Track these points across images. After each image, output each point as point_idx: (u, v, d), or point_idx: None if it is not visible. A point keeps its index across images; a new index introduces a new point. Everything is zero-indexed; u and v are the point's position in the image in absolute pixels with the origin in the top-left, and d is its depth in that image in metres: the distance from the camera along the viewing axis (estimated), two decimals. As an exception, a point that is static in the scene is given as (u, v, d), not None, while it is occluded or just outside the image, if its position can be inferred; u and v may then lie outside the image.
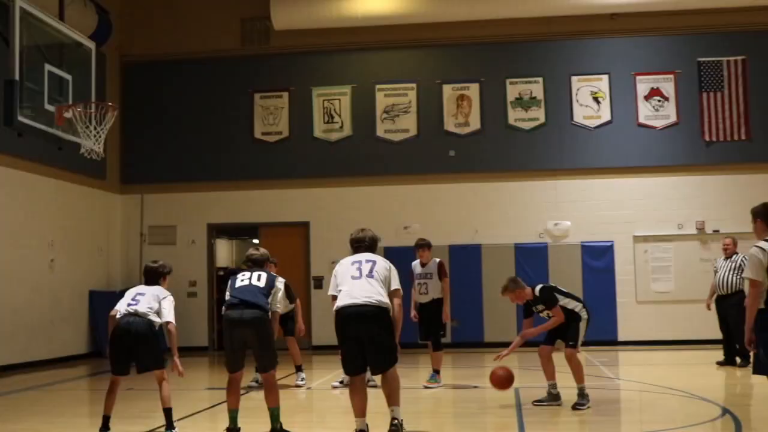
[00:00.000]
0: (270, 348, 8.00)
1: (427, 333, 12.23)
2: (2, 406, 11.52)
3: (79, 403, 12.32)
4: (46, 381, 14.26)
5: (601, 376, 13.34)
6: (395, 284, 7.73)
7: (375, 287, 7.55)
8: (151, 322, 8.19)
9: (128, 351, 8.21)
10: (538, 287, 10.00)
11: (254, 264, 8.44)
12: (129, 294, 8.42)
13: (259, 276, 8.18)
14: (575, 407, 9.59)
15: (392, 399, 7.52)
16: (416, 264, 12.33)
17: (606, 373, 13.84)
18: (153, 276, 8.54)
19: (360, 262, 7.77)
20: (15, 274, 16.04)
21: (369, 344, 7.47)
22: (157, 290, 8.42)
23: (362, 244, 7.99)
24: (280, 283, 8.32)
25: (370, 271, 7.65)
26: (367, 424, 7.57)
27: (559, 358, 9.93)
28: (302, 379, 12.49)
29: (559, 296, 9.92)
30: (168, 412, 8.16)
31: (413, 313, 12.27)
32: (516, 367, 15.26)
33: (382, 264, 7.80)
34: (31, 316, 16.50)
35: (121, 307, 8.28)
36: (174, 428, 8.15)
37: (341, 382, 11.84)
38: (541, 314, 10.06)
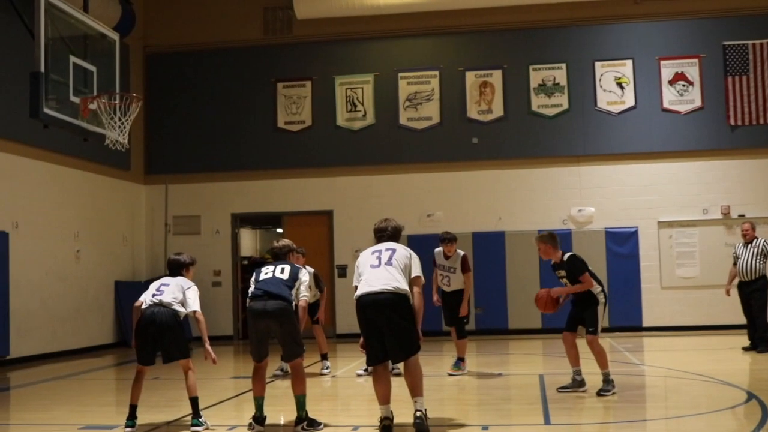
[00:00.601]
0: (294, 338, 8.02)
1: (451, 321, 12.24)
2: (31, 395, 11.66)
3: (106, 392, 12.43)
4: (73, 370, 14.40)
5: (626, 362, 13.31)
6: (416, 272, 7.70)
7: (393, 274, 7.52)
8: (175, 312, 8.25)
9: (153, 341, 8.28)
10: (568, 254, 9.98)
11: (276, 257, 8.47)
12: (153, 285, 8.49)
13: (283, 269, 8.18)
14: (600, 393, 9.59)
15: (415, 390, 7.49)
16: (439, 252, 12.23)
17: (631, 359, 13.81)
18: (176, 267, 8.61)
19: (380, 250, 7.77)
20: (42, 265, 16.19)
21: (388, 332, 7.44)
22: (181, 281, 8.48)
23: (384, 233, 7.98)
24: (304, 274, 8.29)
25: (389, 258, 7.64)
26: (391, 411, 7.58)
27: (582, 344, 9.92)
28: (327, 368, 12.55)
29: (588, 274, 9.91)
30: (194, 401, 8.22)
31: (435, 297, 12.26)
32: (540, 354, 15.28)
33: (403, 252, 7.77)
34: (58, 306, 16.66)
35: (145, 298, 8.37)
36: (200, 417, 8.20)
37: (365, 370, 11.88)
38: (561, 280, 10.04)
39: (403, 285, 7.50)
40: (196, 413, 8.20)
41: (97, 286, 18.16)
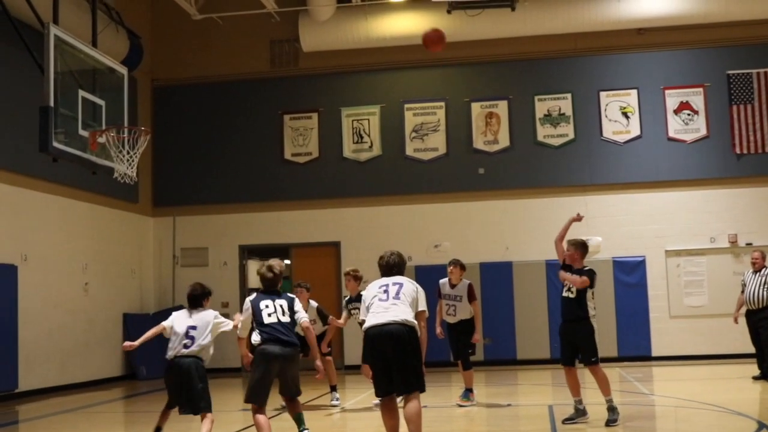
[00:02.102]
0: (298, 378, 8.31)
1: (456, 353, 12.21)
2: (40, 429, 11.65)
3: (115, 425, 12.40)
4: (82, 404, 14.39)
5: (635, 392, 13.26)
6: (422, 306, 7.74)
7: (400, 308, 7.56)
8: (203, 362, 8.46)
9: (180, 389, 8.48)
10: (589, 267, 10.02)
11: (268, 287, 8.45)
12: (180, 326, 8.52)
13: (283, 308, 8.25)
14: (609, 424, 9.54)
15: (414, 421, 7.42)
16: (444, 283, 12.23)
17: (641, 389, 13.75)
18: (199, 299, 8.67)
19: (387, 285, 7.78)
20: (50, 298, 16.22)
21: (394, 364, 7.44)
22: (205, 316, 8.55)
23: (391, 268, 7.95)
24: (297, 303, 8.40)
25: (397, 293, 7.66)
26: None
27: (585, 373, 9.90)
28: (336, 399, 12.52)
29: (592, 293, 9.93)
30: None
31: (438, 330, 12.22)
32: (549, 384, 15.23)
33: (410, 286, 7.79)
34: (66, 339, 16.67)
35: (176, 344, 8.46)
36: None
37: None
38: (565, 283, 10.09)
39: (410, 318, 7.52)
40: None
41: (105, 319, 18.17)
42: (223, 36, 20.49)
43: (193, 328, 8.45)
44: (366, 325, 7.63)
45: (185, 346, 8.41)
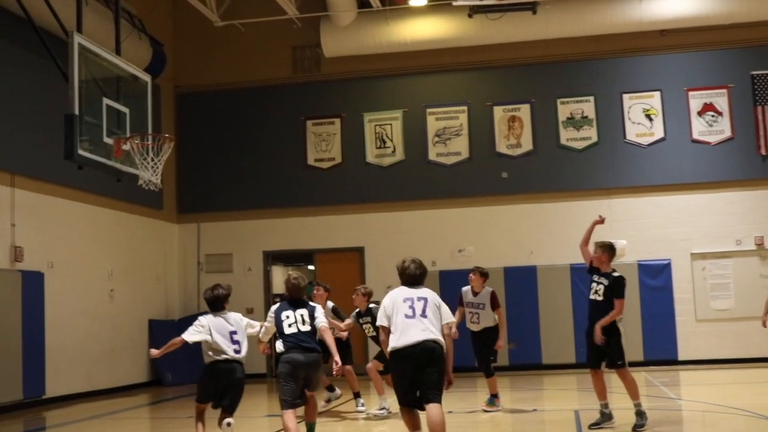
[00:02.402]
0: (318, 380, 8.79)
1: (480, 360, 12.12)
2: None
3: (140, 431, 12.45)
4: (108, 410, 14.46)
5: (662, 396, 13.18)
6: (447, 318, 7.75)
7: (428, 326, 7.56)
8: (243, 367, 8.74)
9: (224, 391, 8.62)
10: (618, 273, 9.94)
11: (292, 295, 8.69)
12: (222, 331, 8.61)
13: (303, 318, 8.51)
14: (636, 429, 9.47)
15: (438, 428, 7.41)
16: (467, 291, 12.12)
17: (668, 393, 13.67)
18: (222, 301, 8.78)
19: (412, 299, 7.70)
20: (77, 305, 16.32)
21: (423, 379, 7.48)
22: (238, 319, 8.79)
23: (415, 279, 7.85)
24: (318, 311, 8.65)
25: (423, 310, 7.62)
26: None
27: (613, 377, 9.84)
28: (362, 405, 12.49)
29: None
30: None
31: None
32: (575, 389, 15.16)
33: (433, 301, 7.75)
34: (92, 345, 16.76)
35: (225, 346, 8.53)
36: None
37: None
38: (592, 286, 10.00)
39: (439, 336, 7.55)
40: None
41: (130, 325, 18.25)
42: (245, 42, 20.56)
43: (234, 332, 8.67)
44: (395, 344, 7.57)
45: (236, 351, 8.61)
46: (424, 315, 7.59)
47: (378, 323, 7.90)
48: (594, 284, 10.01)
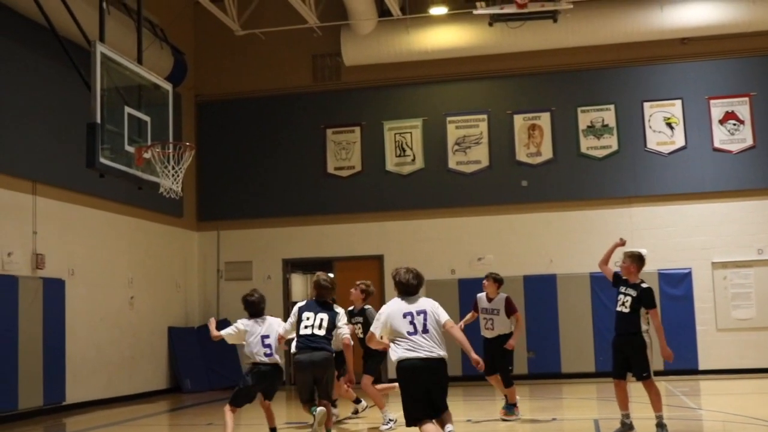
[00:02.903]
0: (331, 383, 9.20)
1: (494, 369, 11.85)
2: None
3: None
4: (128, 416, 14.52)
5: (682, 406, 13.11)
6: (444, 318, 7.82)
7: (430, 342, 7.68)
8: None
9: (264, 392, 9.51)
10: (647, 284, 9.89)
11: (319, 296, 9.22)
12: (253, 334, 9.25)
13: (321, 322, 8.94)
14: None
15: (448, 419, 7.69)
16: (482, 297, 12.05)
17: (688, 403, 13.59)
18: (262, 305, 9.49)
19: (412, 314, 7.78)
20: (97, 312, 16.41)
21: (432, 393, 7.64)
22: (272, 323, 9.34)
23: (409, 288, 7.92)
24: (340, 319, 9.13)
25: (424, 326, 7.73)
26: None
27: (637, 387, 9.79)
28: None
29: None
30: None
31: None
32: (595, 398, 15.09)
33: (432, 312, 7.82)
34: (112, 352, 16.84)
35: (257, 351, 9.23)
36: None
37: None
38: (619, 298, 9.90)
39: (442, 351, 7.69)
40: None
41: (150, 332, 18.33)
42: (265, 51, 20.64)
43: (267, 336, 8.90)
44: (401, 357, 7.68)
45: (266, 355, 9.10)
46: (425, 330, 7.69)
47: (372, 329, 7.96)
48: (621, 296, 9.93)
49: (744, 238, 18.58)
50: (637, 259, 10.02)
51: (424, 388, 7.62)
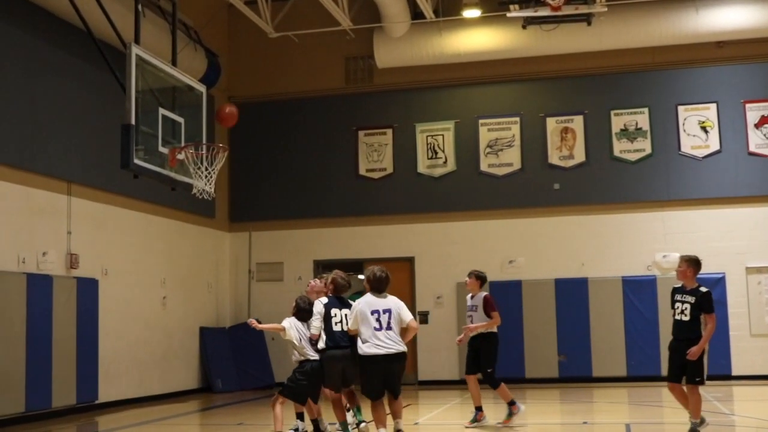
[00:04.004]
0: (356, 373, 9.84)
1: (475, 368, 11.57)
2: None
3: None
4: (160, 416, 14.62)
5: (716, 411, 12.99)
6: (407, 317, 9.39)
7: (392, 338, 9.26)
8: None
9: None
10: (705, 289, 9.79)
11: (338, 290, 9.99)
12: (297, 333, 10.00)
13: (346, 317, 9.65)
14: None
15: (399, 414, 9.41)
16: (469, 295, 11.92)
17: (721, 408, 13.47)
18: (302, 313, 10.14)
19: (378, 312, 9.29)
20: (130, 312, 16.54)
21: (392, 379, 9.33)
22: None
23: (381, 284, 9.49)
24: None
25: (388, 323, 9.27)
26: None
27: (663, 392, 9.73)
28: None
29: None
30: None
31: (459, 337, 11.97)
32: (626, 402, 14.99)
33: (396, 311, 9.36)
34: (144, 352, 16.97)
35: (303, 348, 9.96)
36: None
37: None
38: (676, 306, 9.76)
39: (402, 346, 9.29)
40: None
41: (182, 332, 18.44)
42: (298, 53, 20.71)
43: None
44: (368, 351, 9.20)
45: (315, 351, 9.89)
46: (389, 328, 9.25)
47: (350, 326, 9.49)
48: (678, 304, 9.76)
49: (779, 243, 18.37)
50: (693, 263, 9.83)
51: (384, 377, 9.24)
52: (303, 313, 10.04)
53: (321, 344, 9.69)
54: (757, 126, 18.83)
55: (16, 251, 13.65)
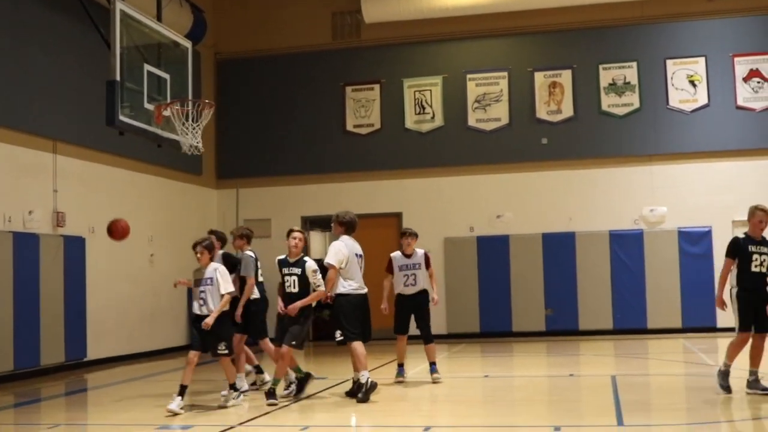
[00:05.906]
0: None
1: (407, 328, 11.67)
2: (108, 396, 11.93)
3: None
4: (148, 372, 14.69)
5: (700, 363, 13.11)
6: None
7: (362, 280, 10.53)
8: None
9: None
10: None
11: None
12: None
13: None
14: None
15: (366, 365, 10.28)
16: (396, 255, 11.84)
17: (705, 360, 13.60)
18: None
19: (360, 256, 10.51)
20: (118, 270, 16.53)
21: (367, 319, 10.47)
22: None
23: (355, 226, 10.66)
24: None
25: (362, 266, 10.56)
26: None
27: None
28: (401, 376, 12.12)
29: None
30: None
31: (384, 305, 11.63)
32: (612, 355, 15.09)
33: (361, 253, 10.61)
34: (132, 309, 16.98)
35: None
36: None
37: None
38: (754, 258, 9.76)
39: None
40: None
41: (169, 290, 18.35)
42: (285, 8, 20.54)
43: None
44: (355, 290, 10.34)
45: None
46: (361, 269, 10.50)
47: (336, 263, 10.24)
48: (756, 255, 9.70)
49: (765, 197, 18.35)
50: None
51: (363, 316, 10.29)
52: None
53: (342, 288, 10.33)
54: (745, 80, 18.80)
55: (2, 210, 13.58)
